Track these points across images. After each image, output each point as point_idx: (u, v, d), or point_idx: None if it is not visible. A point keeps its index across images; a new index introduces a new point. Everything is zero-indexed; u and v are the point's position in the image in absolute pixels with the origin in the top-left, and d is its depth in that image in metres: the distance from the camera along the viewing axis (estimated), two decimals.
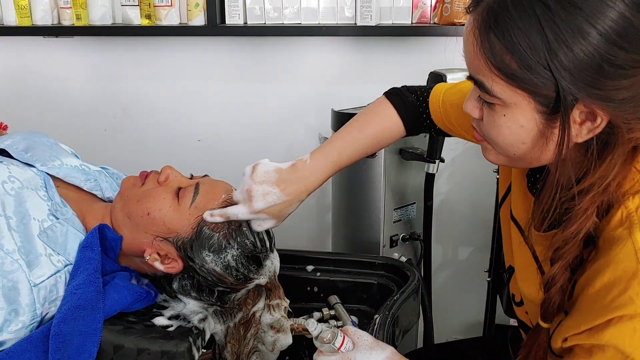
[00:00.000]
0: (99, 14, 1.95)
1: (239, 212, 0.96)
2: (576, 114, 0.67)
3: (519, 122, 0.70)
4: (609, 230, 0.70)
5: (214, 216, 0.97)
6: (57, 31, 2.00)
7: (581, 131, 0.68)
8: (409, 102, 1.08)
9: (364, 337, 0.86)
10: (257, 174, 0.97)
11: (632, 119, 0.66)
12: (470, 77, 0.73)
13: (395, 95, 1.09)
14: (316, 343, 0.86)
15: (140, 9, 1.93)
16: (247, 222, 1.00)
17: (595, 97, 0.64)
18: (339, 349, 0.84)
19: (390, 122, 1.07)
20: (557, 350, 0.77)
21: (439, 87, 1.08)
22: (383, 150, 1.56)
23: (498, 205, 1.02)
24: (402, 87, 1.12)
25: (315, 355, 0.87)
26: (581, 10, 0.62)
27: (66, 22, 1.97)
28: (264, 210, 0.96)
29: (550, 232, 0.77)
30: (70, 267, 0.94)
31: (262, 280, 1.03)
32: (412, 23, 1.84)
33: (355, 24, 1.84)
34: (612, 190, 0.70)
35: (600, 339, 0.67)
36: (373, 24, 1.79)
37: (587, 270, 0.72)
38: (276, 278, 1.08)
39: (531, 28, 0.63)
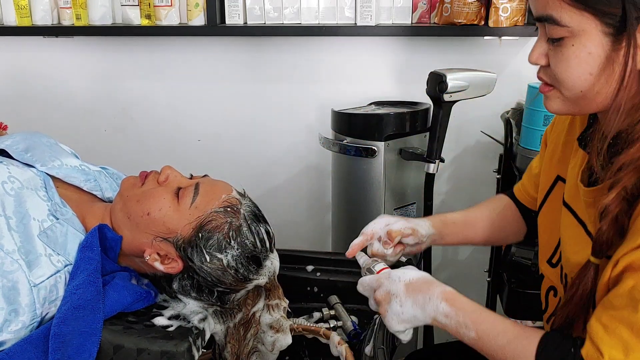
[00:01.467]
0: (99, 14, 1.95)
1: None
2: (639, 36, 0.70)
3: (587, 49, 0.73)
4: None
5: None
6: (57, 31, 2.00)
7: None
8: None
9: (407, 267, 0.94)
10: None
11: None
12: (537, 19, 0.77)
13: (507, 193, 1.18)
14: (362, 272, 0.99)
15: (140, 9, 1.93)
16: (247, 223, 1.00)
17: None
18: (378, 272, 0.95)
19: (508, 204, 1.16)
20: (601, 289, 0.77)
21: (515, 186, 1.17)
22: (383, 150, 1.57)
23: (540, 203, 1.02)
24: None
25: (359, 280, 0.96)
26: None
27: (66, 22, 1.97)
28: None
29: (599, 185, 0.79)
30: (70, 267, 0.94)
31: (261, 280, 1.03)
32: (412, 23, 1.84)
33: (355, 24, 1.84)
34: None
35: None
36: (373, 24, 1.79)
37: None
38: (276, 278, 1.08)
39: None
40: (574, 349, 0.75)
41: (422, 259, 1.70)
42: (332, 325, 1.11)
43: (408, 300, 0.87)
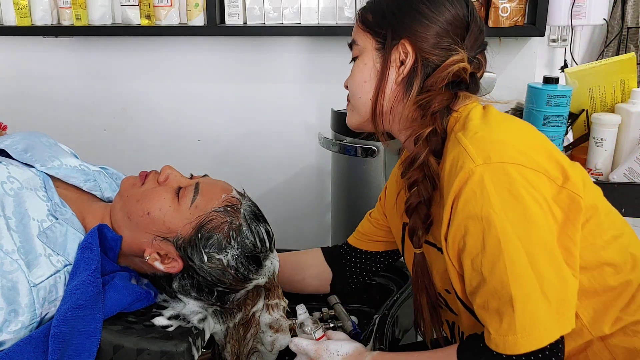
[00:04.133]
0: (99, 14, 1.95)
1: None
2: (396, 54, 0.93)
3: (364, 61, 0.96)
4: (447, 161, 0.86)
5: None
6: (56, 31, 2.00)
7: (399, 71, 0.93)
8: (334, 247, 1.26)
9: (339, 334, 1.01)
10: None
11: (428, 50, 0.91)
12: (349, 45, 1.00)
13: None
14: (297, 331, 0.98)
15: (140, 9, 1.93)
16: (248, 223, 1.00)
17: (403, 34, 0.92)
18: (317, 339, 0.96)
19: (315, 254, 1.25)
20: (459, 284, 0.87)
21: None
22: (383, 150, 1.56)
23: (402, 250, 1.11)
24: None
25: (293, 339, 1.00)
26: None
27: (66, 22, 1.97)
28: None
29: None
30: (69, 268, 0.94)
31: (261, 280, 1.03)
32: None
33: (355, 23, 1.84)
34: (438, 122, 0.89)
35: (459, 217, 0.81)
36: None
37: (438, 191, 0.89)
38: (275, 278, 1.07)
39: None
40: (482, 344, 0.83)
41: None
42: (331, 325, 1.11)
43: None
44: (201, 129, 2.11)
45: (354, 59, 0.98)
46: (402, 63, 0.92)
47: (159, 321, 0.96)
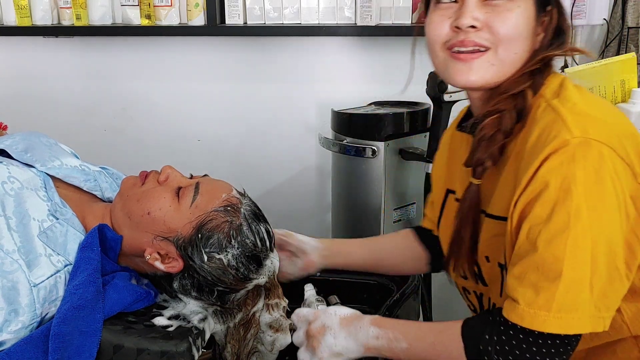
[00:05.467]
0: (99, 14, 1.95)
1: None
2: (552, 13, 0.87)
3: (525, 14, 0.84)
4: (535, 125, 0.82)
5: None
6: (57, 31, 2.00)
7: (547, 21, 0.87)
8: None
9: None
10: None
11: None
12: None
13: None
14: (302, 304, 1.00)
15: (140, 9, 1.93)
16: (248, 223, 1.00)
17: None
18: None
19: (407, 235, 1.21)
20: (509, 246, 0.83)
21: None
22: (383, 150, 1.57)
23: (438, 219, 1.09)
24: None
25: (296, 310, 1.00)
26: None
27: (66, 22, 1.97)
28: None
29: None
30: (70, 268, 0.94)
31: (261, 280, 1.03)
32: (412, 23, 1.84)
33: (355, 24, 1.84)
34: (549, 66, 0.87)
35: (539, 180, 0.77)
36: (373, 24, 1.79)
37: (515, 138, 0.85)
38: (275, 277, 1.07)
39: None
40: (492, 317, 0.82)
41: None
42: None
43: (342, 332, 0.92)
44: (201, 129, 2.11)
45: (494, 4, 0.85)
46: (547, 14, 0.87)
47: (159, 321, 0.96)
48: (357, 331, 0.91)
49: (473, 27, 0.84)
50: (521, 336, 0.78)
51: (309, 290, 1.07)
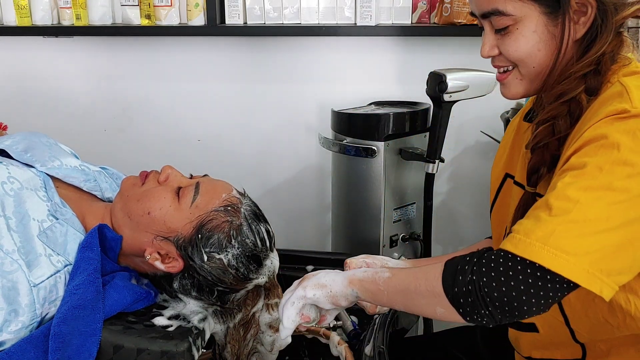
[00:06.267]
0: (99, 14, 1.95)
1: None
2: (572, 9, 0.83)
3: (531, 29, 0.85)
4: (599, 100, 0.82)
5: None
6: (57, 31, 2.00)
7: (578, 27, 0.85)
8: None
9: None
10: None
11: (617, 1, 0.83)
12: (482, 16, 0.89)
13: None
14: None
15: (140, 9, 1.93)
16: (248, 222, 1.00)
17: None
18: None
19: None
20: None
21: None
22: (383, 150, 1.57)
23: (492, 202, 1.07)
24: None
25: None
26: None
27: (66, 22, 1.97)
28: None
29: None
30: (69, 268, 0.94)
31: (261, 280, 1.03)
32: (412, 23, 1.84)
33: (355, 24, 1.84)
34: (605, 67, 0.84)
35: (591, 135, 0.76)
36: (373, 24, 1.79)
37: (576, 129, 0.82)
38: (275, 277, 1.08)
39: None
40: (478, 255, 0.76)
41: (422, 258, 1.71)
42: (332, 325, 1.11)
43: (331, 272, 0.90)
44: (201, 129, 2.11)
45: (502, 28, 0.87)
46: (579, 17, 0.84)
47: (159, 321, 0.96)
48: (345, 272, 0.90)
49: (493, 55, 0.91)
50: (510, 263, 0.72)
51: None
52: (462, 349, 1.19)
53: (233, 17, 1.88)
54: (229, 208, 1.00)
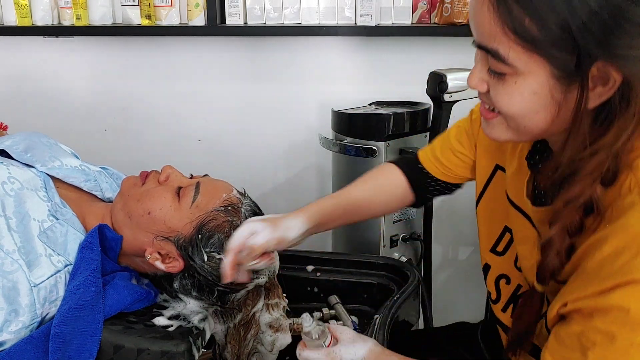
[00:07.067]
0: (99, 14, 1.95)
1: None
2: (590, 78, 0.66)
3: (532, 89, 0.69)
4: (617, 198, 0.69)
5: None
6: (57, 31, 2.00)
7: (592, 96, 0.67)
8: (410, 161, 1.13)
9: (346, 331, 0.88)
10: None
11: None
12: (480, 46, 0.71)
13: (398, 161, 1.14)
14: (305, 337, 0.88)
15: (141, 9, 1.93)
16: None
17: (613, 57, 0.64)
18: (328, 346, 0.87)
19: (395, 178, 1.13)
20: (551, 320, 0.75)
21: (421, 152, 1.13)
22: (383, 150, 1.56)
23: (479, 194, 1.03)
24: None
25: (299, 349, 0.89)
26: None
27: (66, 22, 1.97)
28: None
29: (548, 207, 0.76)
30: (70, 268, 0.94)
31: (261, 279, 1.03)
32: (412, 23, 1.84)
33: (355, 24, 1.84)
34: (622, 156, 0.69)
35: (605, 302, 0.66)
36: (373, 24, 1.79)
37: (592, 237, 0.70)
38: (275, 277, 1.08)
39: None
40: None
41: (422, 259, 1.71)
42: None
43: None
44: (201, 129, 2.11)
45: (499, 73, 0.71)
46: (596, 84, 0.67)
47: (160, 321, 0.96)
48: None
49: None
50: None
51: (308, 326, 0.89)
52: (462, 344, 1.19)
53: (233, 17, 1.88)
54: (230, 208, 1.00)
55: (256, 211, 1.04)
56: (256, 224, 0.94)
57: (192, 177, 1.06)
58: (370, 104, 1.79)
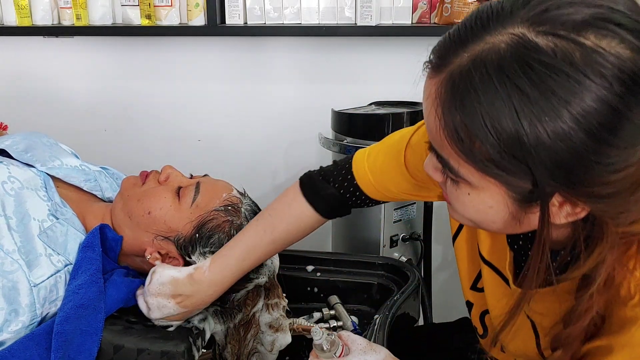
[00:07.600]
0: (99, 14, 1.95)
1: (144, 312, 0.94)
2: (554, 201, 0.59)
3: (487, 204, 0.62)
4: (616, 299, 0.64)
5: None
6: (57, 31, 2.00)
7: (559, 214, 0.60)
8: (328, 195, 1.00)
9: (358, 341, 0.85)
10: (152, 285, 0.92)
11: (618, 212, 0.58)
12: (432, 149, 0.64)
13: (311, 189, 1.01)
14: (316, 349, 0.86)
15: (140, 9, 1.93)
16: (248, 222, 1.00)
17: (576, 193, 0.57)
18: (339, 356, 0.84)
19: (306, 218, 0.99)
20: None
21: (359, 157, 1.01)
22: None
23: (455, 233, 0.95)
24: (317, 173, 1.03)
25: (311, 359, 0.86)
26: (559, 97, 0.52)
27: (66, 22, 1.97)
28: (165, 318, 0.93)
29: (544, 289, 0.68)
30: (70, 267, 0.94)
31: (261, 279, 1.03)
32: (412, 23, 1.84)
33: (355, 24, 1.84)
34: (614, 281, 0.63)
35: None
36: (373, 24, 1.79)
37: (595, 341, 0.66)
38: (275, 277, 1.07)
39: (504, 115, 0.54)
40: None
41: (422, 259, 1.71)
42: (332, 326, 1.11)
43: None
44: (201, 129, 2.11)
45: (452, 179, 0.64)
46: (564, 206, 0.60)
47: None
48: None
49: None
50: None
51: (318, 340, 0.84)
52: (461, 340, 1.19)
53: (233, 17, 1.88)
54: (230, 208, 1.00)
55: (256, 211, 1.04)
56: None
57: (192, 177, 1.06)
58: (370, 104, 1.79)
